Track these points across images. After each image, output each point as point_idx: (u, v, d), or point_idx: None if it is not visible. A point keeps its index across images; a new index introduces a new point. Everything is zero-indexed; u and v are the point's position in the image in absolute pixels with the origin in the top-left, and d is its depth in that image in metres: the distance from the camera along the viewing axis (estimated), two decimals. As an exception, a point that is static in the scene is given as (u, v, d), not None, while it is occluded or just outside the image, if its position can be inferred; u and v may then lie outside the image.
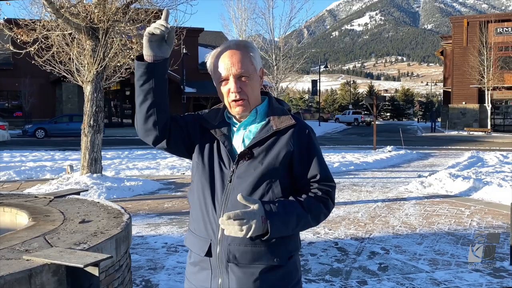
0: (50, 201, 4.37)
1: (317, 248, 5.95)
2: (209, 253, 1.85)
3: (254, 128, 1.91)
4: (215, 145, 1.92)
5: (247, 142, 1.89)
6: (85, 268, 2.64)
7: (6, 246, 2.97)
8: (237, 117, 1.93)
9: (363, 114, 55.56)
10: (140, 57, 1.86)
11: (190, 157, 2.00)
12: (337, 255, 5.66)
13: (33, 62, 10.28)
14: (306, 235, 6.50)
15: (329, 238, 6.43)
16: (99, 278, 2.68)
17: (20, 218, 4.03)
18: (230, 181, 1.85)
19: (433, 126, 39.04)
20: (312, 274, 5.02)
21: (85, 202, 4.35)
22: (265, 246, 1.81)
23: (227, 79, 1.87)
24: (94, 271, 2.66)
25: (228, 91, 1.87)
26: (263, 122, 1.90)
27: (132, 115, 42.60)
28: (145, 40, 1.81)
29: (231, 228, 1.68)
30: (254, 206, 1.71)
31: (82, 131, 10.06)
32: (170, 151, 2.01)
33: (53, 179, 11.01)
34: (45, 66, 11.09)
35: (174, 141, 1.94)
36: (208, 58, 1.96)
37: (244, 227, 1.67)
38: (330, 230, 6.82)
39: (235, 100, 1.87)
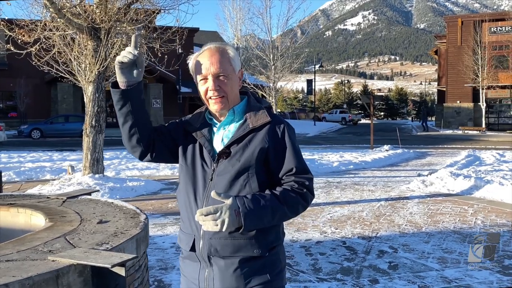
0: (63, 202, 4.35)
1: (325, 247, 5.97)
2: (193, 248, 1.99)
3: (233, 127, 2.01)
4: (197, 146, 2.04)
5: (226, 141, 1.98)
6: (112, 269, 2.64)
7: (28, 247, 2.97)
8: (216, 114, 2.03)
9: (350, 113, 57.83)
10: (115, 84, 1.98)
11: (177, 162, 2.12)
12: (346, 254, 5.68)
13: (33, 62, 10.22)
14: (313, 234, 6.53)
15: (336, 237, 6.45)
16: (132, 278, 2.69)
17: (35, 219, 4.02)
18: (211, 179, 1.95)
19: (425, 125, 38.99)
20: (323, 273, 5.03)
21: (99, 202, 4.34)
22: (245, 239, 1.91)
23: (206, 78, 1.97)
24: (121, 271, 2.66)
25: (207, 90, 1.97)
26: (241, 121, 1.99)
27: (127, 115, 42.96)
28: (116, 68, 1.93)
29: (207, 224, 1.76)
30: (227, 201, 1.79)
31: (83, 131, 10.03)
32: (157, 161, 2.17)
33: (54, 179, 10.97)
34: (43, 67, 11.05)
35: (159, 152, 2.08)
36: (190, 59, 2.07)
37: (218, 222, 1.75)
38: (337, 229, 6.84)
39: (212, 97, 1.96)
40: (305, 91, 64.53)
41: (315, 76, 50.56)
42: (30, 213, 4.05)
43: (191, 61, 2.06)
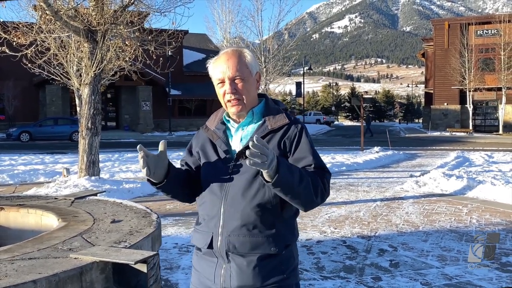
0: (72, 202, 4.38)
1: (326, 246, 6.06)
2: (211, 245, 2.02)
3: (252, 128, 2.06)
4: (213, 148, 2.10)
5: (244, 142, 2.03)
6: (134, 265, 2.69)
7: (48, 245, 3.01)
8: (233, 117, 2.08)
9: (324, 115, 62.75)
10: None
11: None
12: (348, 253, 5.77)
13: (28, 65, 10.21)
14: (313, 234, 6.62)
15: (336, 236, 6.55)
16: (147, 275, 2.74)
17: (45, 220, 4.05)
18: (229, 178, 2.01)
19: (369, 129, 37.92)
20: (327, 271, 5.12)
21: (108, 203, 4.38)
22: (263, 236, 1.95)
23: (223, 82, 2.02)
24: (143, 267, 2.72)
25: (224, 93, 2.02)
26: (260, 122, 2.05)
27: (116, 118, 41.97)
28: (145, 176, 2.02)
29: (257, 157, 1.71)
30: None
31: (79, 133, 10.03)
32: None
33: (48, 182, 10.93)
34: (34, 69, 11.05)
35: (201, 188, 2.14)
36: (210, 63, 2.12)
37: (269, 157, 1.73)
38: (336, 229, 6.94)
39: (229, 101, 2.01)
40: (293, 94, 64.90)
41: (304, 78, 50.77)
42: (41, 213, 4.07)
43: (210, 65, 2.11)
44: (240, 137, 2.07)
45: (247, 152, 1.71)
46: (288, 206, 2.01)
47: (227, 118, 2.13)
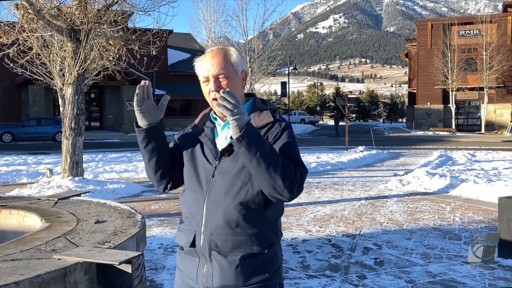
0: (55, 203, 4.34)
1: (312, 245, 6.08)
2: (193, 244, 2.01)
3: None
4: (200, 145, 2.10)
5: (229, 140, 2.01)
6: (119, 266, 2.68)
7: (31, 246, 2.97)
8: (220, 115, 2.08)
9: (308, 115, 63.93)
10: (138, 124, 2.08)
11: None
12: (333, 252, 5.80)
13: (11, 64, 10.10)
14: (299, 233, 6.64)
15: (321, 235, 6.57)
16: (132, 276, 2.72)
17: (28, 221, 4.00)
18: (213, 176, 2.00)
19: (336, 129, 37.21)
20: (312, 270, 5.14)
21: (92, 203, 4.34)
22: (245, 235, 1.94)
23: (208, 80, 2.02)
24: (127, 268, 2.70)
25: (209, 91, 2.02)
26: None
27: (100, 118, 41.62)
28: (136, 113, 2.03)
29: (226, 103, 1.76)
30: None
31: (63, 133, 9.93)
32: (177, 187, 2.25)
33: (31, 183, 10.81)
34: (16, 69, 10.92)
35: (178, 178, 2.16)
36: (196, 61, 2.11)
37: (239, 108, 1.77)
38: (321, 227, 6.96)
39: (214, 99, 1.99)
40: (278, 94, 65.03)
41: (289, 78, 50.89)
42: (24, 214, 4.03)
43: (196, 63, 2.11)
44: (225, 135, 2.07)
45: (217, 95, 1.75)
46: (272, 205, 2.00)
47: (214, 116, 2.12)
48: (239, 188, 1.96)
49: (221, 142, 2.06)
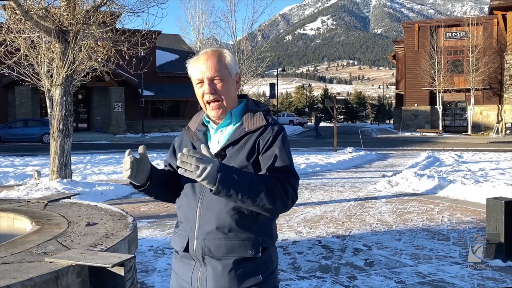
0: (45, 205, 4.31)
1: (302, 246, 6.10)
2: (187, 249, 2.01)
3: (230, 130, 2.04)
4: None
5: (222, 144, 2.01)
6: (111, 269, 2.66)
7: (22, 249, 2.95)
8: (214, 119, 2.06)
9: (297, 117, 64.58)
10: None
11: None
12: (323, 253, 5.82)
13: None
14: (289, 235, 6.65)
15: (311, 236, 6.59)
16: (125, 278, 2.71)
17: (18, 223, 3.97)
18: None
19: (317, 131, 37.31)
20: (303, 271, 5.15)
21: (82, 205, 4.31)
22: (238, 240, 1.93)
23: (202, 82, 2.00)
24: (120, 271, 2.69)
25: (203, 93, 2.00)
26: (238, 124, 2.03)
27: (87, 120, 41.28)
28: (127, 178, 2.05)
29: (188, 166, 1.70)
30: (214, 158, 1.78)
31: (51, 135, 9.85)
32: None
33: (18, 185, 10.71)
34: (3, 70, 10.83)
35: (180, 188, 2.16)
36: (189, 63, 2.09)
37: (201, 166, 1.69)
38: (311, 229, 6.99)
39: (209, 102, 2.00)
40: (267, 95, 65.13)
41: (277, 80, 50.97)
42: (13, 217, 3.99)
43: (189, 65, 2.08)
44: (218, 139, 2.06)
45: (177, 161, 1.71)
46: None
47: (207, 119, 2.10)
48: None
49: (214, 146, 2.05)
